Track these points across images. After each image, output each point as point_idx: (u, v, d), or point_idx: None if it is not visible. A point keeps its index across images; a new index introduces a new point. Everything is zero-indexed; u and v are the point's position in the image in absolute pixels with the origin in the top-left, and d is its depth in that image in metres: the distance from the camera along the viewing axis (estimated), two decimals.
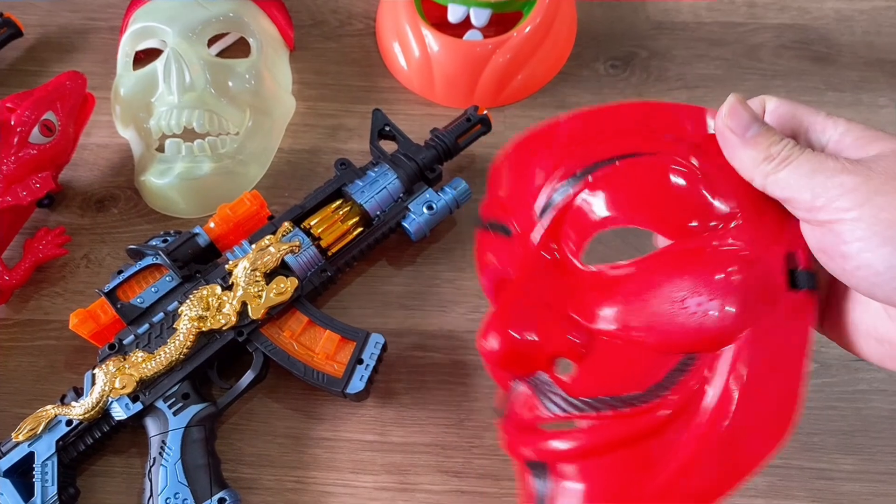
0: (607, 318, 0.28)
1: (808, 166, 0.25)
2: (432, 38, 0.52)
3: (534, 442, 0.29)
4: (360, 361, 0.41)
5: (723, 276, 0.26)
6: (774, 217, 0.27)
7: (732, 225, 0.27)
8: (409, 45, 0.53)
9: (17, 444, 0.39)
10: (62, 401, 0.40)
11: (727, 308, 0.26)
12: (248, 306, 0.41)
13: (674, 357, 0.27)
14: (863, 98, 0.54)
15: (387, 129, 0.48)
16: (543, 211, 0.30)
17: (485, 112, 0.49)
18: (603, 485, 0.27)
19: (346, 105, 0.55)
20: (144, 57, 0.52)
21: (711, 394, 0.26)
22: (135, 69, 0.51)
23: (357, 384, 0.40)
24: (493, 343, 0.28)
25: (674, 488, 0.26)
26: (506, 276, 0.32)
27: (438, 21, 0.54)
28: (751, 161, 0.26)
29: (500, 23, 0.54)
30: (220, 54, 0.56)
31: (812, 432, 0.41)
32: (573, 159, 0.29)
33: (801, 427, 0.41)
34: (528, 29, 0.52)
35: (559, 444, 0.28)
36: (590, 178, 0.29)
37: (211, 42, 0.53)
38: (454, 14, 0.53)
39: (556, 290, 0.29)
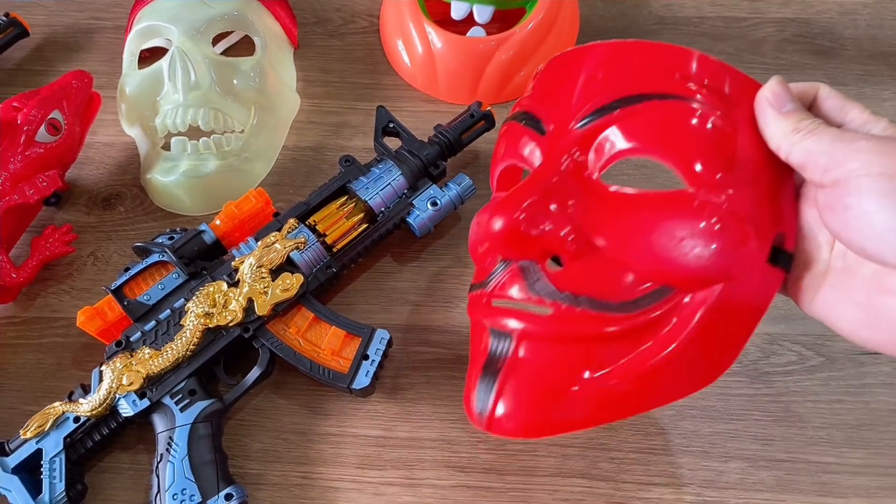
0: (612, 234, 0.30)
1: (830, 137, 0.27)
2: (435, 36, 0.52)
3: (508, 314, 0.31)
4: (366, 357, 0.41)
5: (720, 227, 0.29)
6: (781, 197, 0.30)
7: (731, 192, 0.29)
8: (413, 43, 0.53)
9: (26, 440, 0.39)
10: (70, 398, 0.40)
11: (716, 256, 0.29)
12: (255, 303, 0.41)
13: (654, 284, 0.30)
14: (867, 91, 0.54)
15: (391, 125, 0.48)
16: (580, 123, 0.31)
17: (488, 108, 0.49)
18: (552, 366, 0.30)
19: (350, 102, 0.55)
20: (149, 56, 0.52)
21: (673, 322, 0.29)
22: (140, 68, 0.51)
23: (363, 380, 0.40)
24: (497, 224, 0.30)
25: (605, 390, 0.30)
26: (515, 168, 0.35)
27: (441, 18, 0.54)
28: (781, 131, 0.29)
29: (504, 19, 0.54)
30: (225, 52, 0.56)
31: (819, 426, 0.41)
32: (611, 86, 0.31)
33: (808, 421, 0.41)
34: (530, 25, 0.52)
35: (531, 324, 0.31)
36: (622, 108, 0.30)
37: (216, 40, 0.53)
38: (457, 11, 0.53)
39: (571, 194, 0.30)
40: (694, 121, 0.29)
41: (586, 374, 0.30)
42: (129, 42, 0.52)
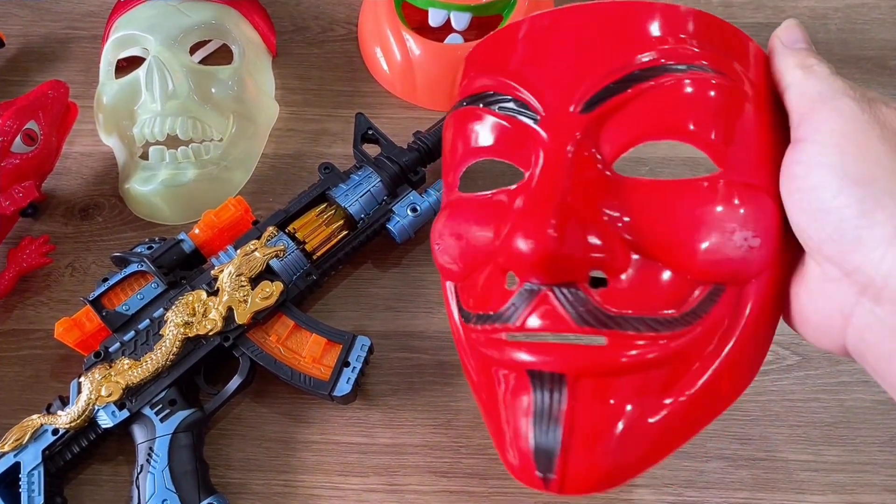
0: (654, 235, 0.26)
1: (826, 87, 0.25)
2: (413, 43, 0.53)
3: (552, 351, 0.26)
4: (347, 364, 0.41)
5: (760, 210, 0.26)
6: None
7: (759, 167, 0.27)
8: (391, 50, 0.54)
9: (3, 454, 0.38)
10: (48, 410, 0.40)
11: (764, 243, 0.26)
12: (234, 311, 0.41)
13: (705, 286, 0.26)
14: None
15: (370, 132, 0.48)
16: (585, 106, 0.27)
17: None
18: (622, 401, 0.26)
19: (330, 110, 0.55)
20: (127, 65, 0.52)
21: (728, 325, 0.26)
22: (117, 77, 0.51)
23: (344, 387, 0.40)
24: (525, 247, 0.25)
25: (680, 410, 0.26)
26: (482, 155, 0.30)
27: (419, 25, 0.54)
28: (787, 65, 0.27)
29: (481, 26, 0.55)
30: (203, 61, 0.56)
31: (796, 424, 0.42)
32: (614, 56, 0.27)
33: (785, 419, 0.42)
34: None
35: (585, 359, 0.26)
36: (635, 85, 0.26)
37: (194, 49, 0.53)
38: (435, 18, 0.53)
39: (599, 195, 0.26)
40: (711, 92, 0.26)
41: (653, 404, 0.26)
42: (105, 51, 0.52)
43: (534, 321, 0.26)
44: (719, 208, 0.26)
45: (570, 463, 0.26)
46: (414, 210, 0.46)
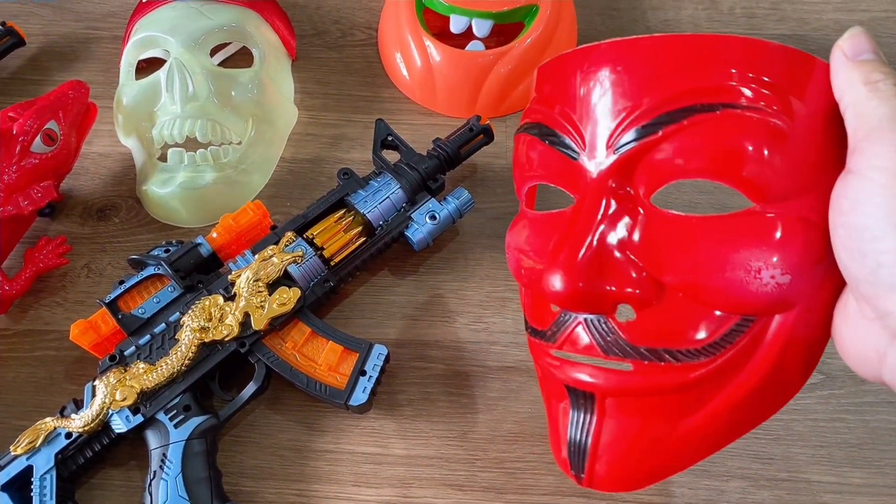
0: (680, 269, 0.27)
1: (889, 111, 0.23)
2: (434, 49, 0.52)
3: (584, 370, 0.29)
4: (364, 373, 0.40)
5: (795, 245, 0.26)
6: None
7: (800, 200, 0.26)
8: (412, 56, 0.53)
9: (16, 457, 0.38)
10: (62, 413, 0.40)
11: (797, 274, 0.26)
12: (251, 317, 0.41)
13: (732, 317, 0.27)
14: None
15: (389, 138, 0.48)
16: (618, 147, 0.28)
17: (487, 122, 0.49)
18: (643, 419, 0.29)
19: (348, 115, 0.54)
20: (146, 66, 0.52)
21: (759, 353, 0.27)
22: (137, 78, 0.51)
23: (360, 396, 0.40)
24: (556, 285, 0.27)
25: (700, 430, 0.29)
26: (538, 179, 0.32)
27: (440, 31, 0.54)
28: (850, 80, 0.24)
29: (502, 33, 0.54)
30: (223, 64, 0.56)
31: (819, 445, 0.41)
32: (646, 97, 0.27)
33: (808, 439, 0.41)
34: (529, 40, 0.52)
35: (612, 381, 0.29)
36: (665, 127, 0.26)
37: (214, 52, 0.53)
38: (456, 25, 0.53)
39: (627, 231, 0.28)
40: (747, 128, 0.26)
41: (676, 422, 0.29)
42: (126, 52, 0.52)
43: (569, 345, 0.30)
44: (747, 246, 0.26)
45: (597, 467, 0.30)
46: (433, 218, 0.45)
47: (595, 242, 0.27)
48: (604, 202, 0.28)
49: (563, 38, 0.55)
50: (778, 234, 0.26)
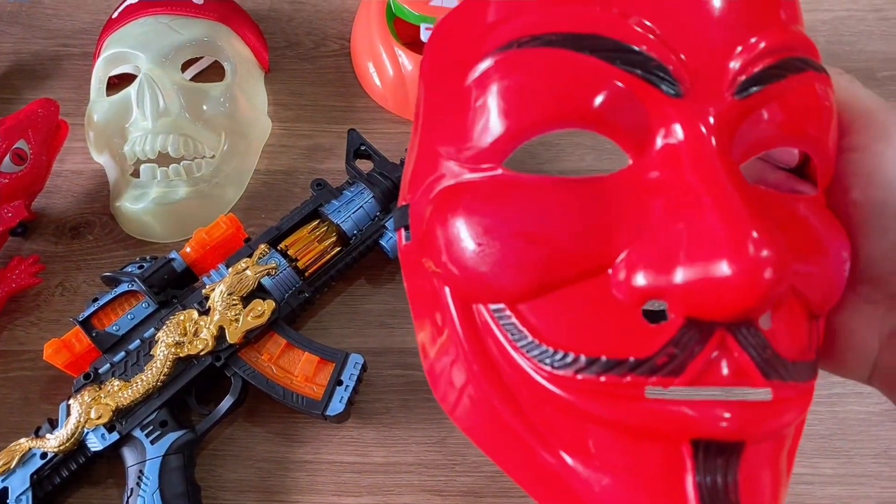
0: (804, 261, 0.21)
1: (871, 94, 0.23)
2: (406, 58, 0.53)
3: (721, 408, 0.19)
4: (340, 383, 0.40)
5: (844, 234, 0.23)
6: None
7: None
8: (384, 65, 0.54)
9: None
10: (36, 433, 0.39)
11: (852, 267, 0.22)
12: (226, 330, 0.41)
13: (818, 318, 0.22)
14: None
15: (362, 148, 0.48)
16: (742, 88, 0.20)
17: None
18: (772, 474, 0.21)
19: (322, 125, 0.55)
20: (118, 82, 0.52)
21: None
22: (109, 95, 0.51)
23: (337, 406, 0.40)
24: (732, 276, 0.18)
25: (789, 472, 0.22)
26: (562, 125, 0.21)
27: (412, 40, 0.54)
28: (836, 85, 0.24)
29: None
30: (196, 77, 0.56)
31: None
32: (769, 30, 0.21)
33: None
34: None
35: (761, 421, 0.20)
36: (791, 75, 0.21)
37: (186, 66, 0.53)
38: (426, 33, 0.53)
39: (764, 204, 0.21)
40: (826, 102, 0.22)
41: (788, 465, 0.22)
42: (96, 69, 0.52)
43: (710, 373, 0.19)
44: (830, 230, 0.22)
45: None
46: None
47: (760, 217, 0.18)
48: (722, 162, 0.19)
49: None
50: (835, 219, 0.23)
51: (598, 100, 0.20)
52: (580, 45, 0.20)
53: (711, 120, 0.20)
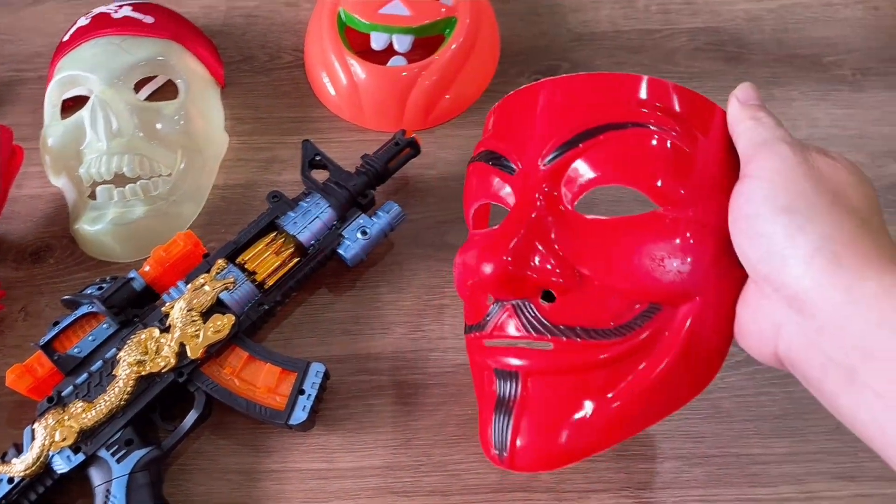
0: (596, 262, 0.31)
1: (769, 134, 0.30)
2: (358, 67, 0.53)
3: (510, 354, 0.33)
4: (302, 392, 0.41)
5: (693, 240, 0.31)
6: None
7: (697, 206, 0.31)
8: (337, 75, 0.54)
9: None
10: (2, 459, 0.40)
11: (693, 268, 0.31)
12: (187, 347, 0.41)
13: (641, 304, 0.31)
14: (775, 93, 0.57)
15: (317, 158, 0.49)
16: (547, 161, 0.33)
17: (412, 135, 0.50)
18: (561, 398, 0.32)
19: (279, 137, 0.55)
20: (74, 105, 0.52)
21: (665, 337, 0.31)
22: (63, 118, 0.51)
23: (300, 415, 0.40)
24: (487, 268, 0.31)
25: (613, 412, 0.31)
26: (487, 205, 0.38)
27: (364, 49, 0.55)
28: (741, 117, 0.32)
29: (424, 46, 0.56)
30: (151, 96, 0.56)
31: (746, 419, 0.43)
32: (571, 120, 0.33)
33: (735, 415, 0.43)
34: (450, 51, 0.54)
35: (534, 360, 0.32)
36: (584, 142, 0.32)
37: (140, 86, 0.53)
38: (377, 42, 0.54)
39: (552, 228, 0.32)
40: (652, 143, 0.32)
41: (594, 401, 0.31)
42: (49, 93, 0.52)
43: (499, 328, 0.33)
44: (653, 240, 0.31)
45: (519, 444, 0.32)
46: (364, 233, 0.46)
47: (523, 235, 0.31)
48: (535, 205, 0.32)
49: (484, 46, 0.57)
50: (678, 232, 0.31)
51: (490, 186, 0.36)
52: (482, 158, 0.37)
53: (533, 180, 0.33)
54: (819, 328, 0.26)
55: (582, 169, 0.32)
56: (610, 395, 0.31)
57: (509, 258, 0.31)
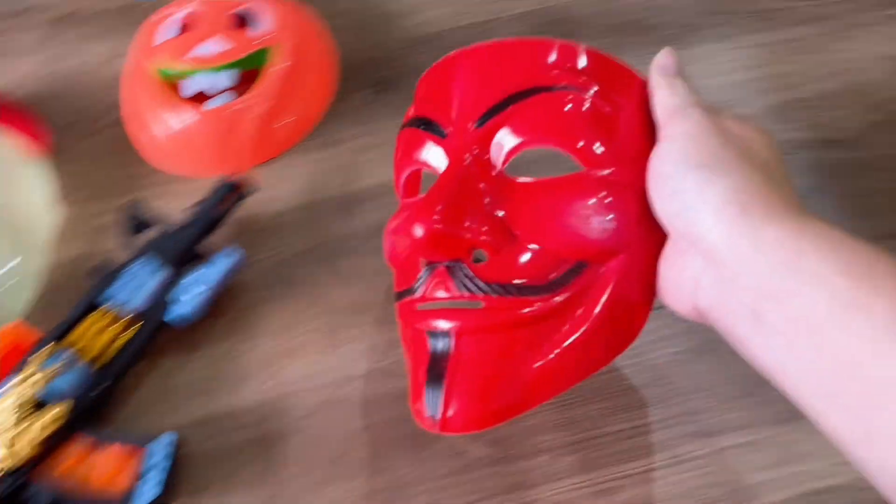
0: (526, 222, 0.32)
1: (682, 100, 0.32)
2: (174, 117, 0.51)
3: (442, 315, 0.33)
4: (152, 467, 0.39)
5: (611, 199, 0.32)
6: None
7: (617, 165, 0.32)
8: (150, 130, 0.53)
9: None
10: None
11: (614, 226, 0.32)
12: (18, 445, 0.39)
13: (568, 262, 0.32)
14: None
15: (142, 218, 0.47)
16: (477, 123, 0.34)
17: (236, 178, 0.49)
18: (493, 356, 0.32)
19: (113, 201, 0.53)
20: None
21: (591, 293, 0.33)
22: None
23: (151, 491, 0.38)
24: (418, 231, 0.31)
25: (544, 367, 0.32)
26: (418, 171, 0.38)
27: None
28: (658, 85, 0.33)
29: (250, 80, 0.54)
30: None
31: (611, 395, 0.42)
32: (500, 84, 0.34)
33: (602, 393, 0.43)
34: (274, 77, 0.52)
35: (465, 320, 0.32)
36: (513, 105, 0.33)
37: None
38: (188, 89, 0.52)
39: (482, 190, 0.33)
40: (578, 106, 0.33)
41: (523, 358, 0.32)
42: None
43: (431, 291, 0.33)
44: (578, 199, 0.32)
45: (450, 405, 0.32)
46: (202, 286, 0.45)
47: (454, 195, 0.32)
48: (465, 167, 0.33)
49: (315, 66, 0.56)
50: (601, 191, 0.32)
51: (420, 152, 0.36)
52: (412, 124, 0.37)
53: (464, 143, 0.34)
54: (730, 277, 0.28)
55: (510, 132, 0.33)
56: (539, 352, 0.32)
57: (440, 219, 0.31)
